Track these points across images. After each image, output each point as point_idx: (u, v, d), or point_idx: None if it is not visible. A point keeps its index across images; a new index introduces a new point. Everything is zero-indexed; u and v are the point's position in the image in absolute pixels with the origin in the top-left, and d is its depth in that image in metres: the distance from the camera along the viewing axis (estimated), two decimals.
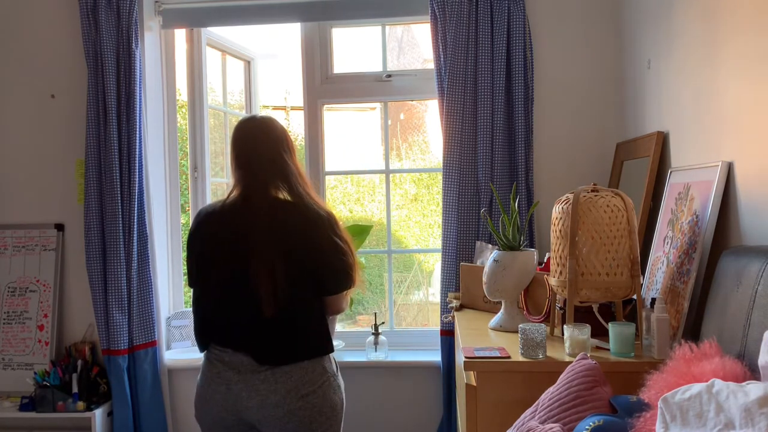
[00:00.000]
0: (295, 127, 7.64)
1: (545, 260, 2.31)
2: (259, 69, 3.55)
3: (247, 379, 1.91)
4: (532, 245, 2.82)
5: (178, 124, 3.32)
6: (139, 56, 2.96)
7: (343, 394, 2.02)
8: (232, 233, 1.93)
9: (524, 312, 2.27)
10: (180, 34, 3.28)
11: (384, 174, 3.36)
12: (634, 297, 1.92)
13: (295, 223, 1.92)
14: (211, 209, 2.03)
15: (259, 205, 1.93)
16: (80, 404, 2.91)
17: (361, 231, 3.09)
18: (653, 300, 1.89)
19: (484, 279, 2.23)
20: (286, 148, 2.01)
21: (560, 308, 2.03)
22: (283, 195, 1.97)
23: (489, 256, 2.26)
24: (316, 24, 3.19)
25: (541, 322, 2.14)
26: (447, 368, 2.90)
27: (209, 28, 3.23)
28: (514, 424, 1.54)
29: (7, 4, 3.15)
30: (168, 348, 3.16)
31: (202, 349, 2.03)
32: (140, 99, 2.96)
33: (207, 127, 3.24)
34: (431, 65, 2.97)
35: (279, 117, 7.85)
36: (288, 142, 2.03)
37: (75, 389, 2.92)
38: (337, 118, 7.84)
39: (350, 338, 3.21)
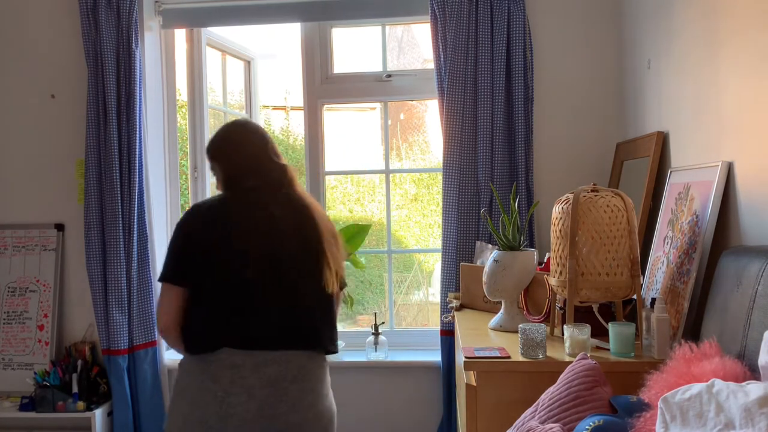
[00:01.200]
0: (295, 127, 7.64)
1: (545, 260, 2.31)
2: (259, 69, 3.55)
3: (274, 381, 1.77)
4: (532, 245, 2.82)
5: (178, 124, 3.32)
6: (139, 56, 2.96)
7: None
8: (258, 223, 1.85)
9: (524, 312, 2.27)
10: (180, 34, 3.28)
11: (384, 174, 3.36)
12: (634, 297, 1.92)
13: (319, 215, 1.93)
14: (214, 204, 1.90)
15: (276, 196, 1.91)
16: (80, 404, 2.91)
17: (361, 231, 3.09)
18: (653, 300, 1.89)
19: (484, 279, 2.23)
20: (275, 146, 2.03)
21: (560, 308, 2.03)
22: (289, 190, 1.96)
23: (489, 256, 2.26)
24: (316, 24, 3.19)
25: (541, 322, 2.14)
26: (447, 368, 2.90)
27: (209, 28, 3.23)
28: (514, 424, 1.54)
29: (7, 4, 3.15)
30: (168, 348, 3.16)
31: (204, 351, 1.79)
32: (140, 99, 2.96)
33: (207, 127, 3.24)
34: (431, 65, 2.97)
35: (279, 117, 7.85)
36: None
37: (75, 389, 2.92)
38: (337, 118, 7.84)
39: (350, 338, 3.21)
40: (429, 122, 8.12)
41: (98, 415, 2.92)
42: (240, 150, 1.96)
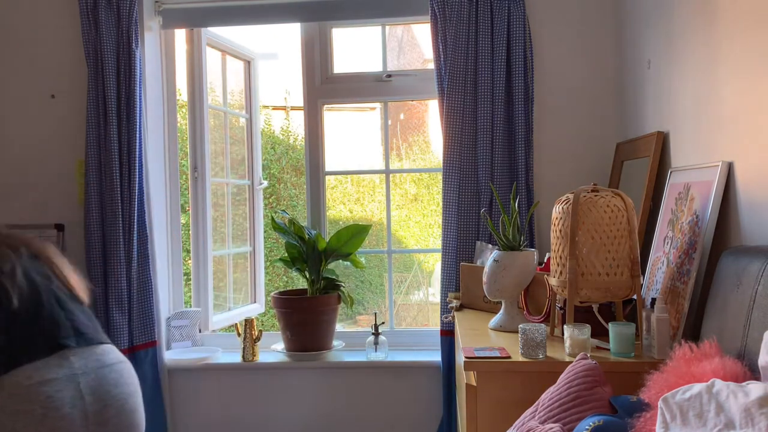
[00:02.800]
0: (295, 127, 7.65)
1: (545, 260, 2.31)
2: (259, 69, 3.54)
3: (94, 389, 1.62)
4: (532, 245, 2.82)
5: (178, 124, 3.31)
6: (139, 56, 2.96)
7: None
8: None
9: (524, 312, 2.27)
10: (180, 34, 3.28)
11: (384, 174, 3.36)
12: (634, 297, 1.92)
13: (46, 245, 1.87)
14: None
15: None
16: None
17: (361, 231, 3.09)
18: (653, 300, 1.89)
19: (484, 279, 2.23)
20: None
21: (560, 308, 2.03)
22: None
23: (489, 256, 2.26)
24: (316, 24, 3.19)
25: (541, 322, 2.14)
26: (447, 368, 2.90)
27: (209, 28, 3.23)
28: (514, 424, 1.54)
29: (7, 4, 3.15)
30: (168, 348, 3.16)
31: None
32: (140, 99, 2.96)
33: (207, 127, 3.24)
34: (431, 65, 2.97)
35: (279, 117, 7.86)
36: None
37: None
38: (337, 118, 7.85)
39: (350, 338, 3.21)
40: (429, 122, 8.13)
41: None
42: None
